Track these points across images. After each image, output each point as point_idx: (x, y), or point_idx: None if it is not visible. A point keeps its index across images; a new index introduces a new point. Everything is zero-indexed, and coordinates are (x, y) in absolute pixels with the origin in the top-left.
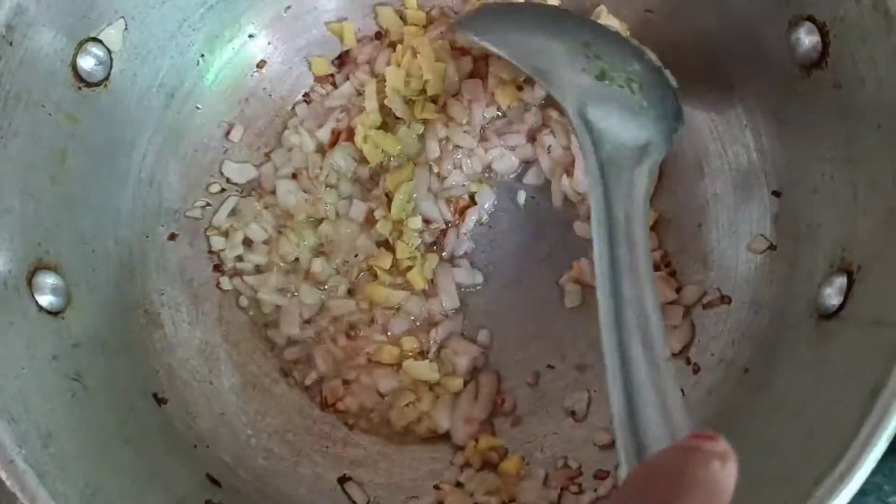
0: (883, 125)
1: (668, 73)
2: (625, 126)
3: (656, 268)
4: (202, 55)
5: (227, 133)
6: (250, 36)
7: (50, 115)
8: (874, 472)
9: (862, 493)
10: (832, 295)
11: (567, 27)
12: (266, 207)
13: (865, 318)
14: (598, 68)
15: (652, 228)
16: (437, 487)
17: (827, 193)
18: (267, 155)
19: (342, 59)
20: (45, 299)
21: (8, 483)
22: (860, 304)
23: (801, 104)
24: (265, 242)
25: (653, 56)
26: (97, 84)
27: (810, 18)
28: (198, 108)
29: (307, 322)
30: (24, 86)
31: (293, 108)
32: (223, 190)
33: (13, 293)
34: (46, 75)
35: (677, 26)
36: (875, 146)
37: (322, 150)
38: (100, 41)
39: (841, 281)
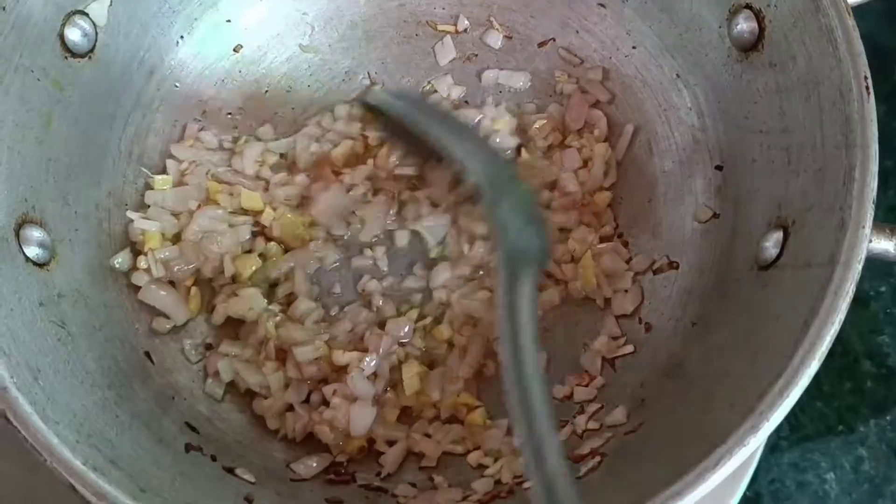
0: (811, 96)
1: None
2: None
3: (609, 239)
4: (182, 36)
5: (203, 112)
6: (227, 21)
7: (38, 80)
8: (811, 451)
9: (801, 470)
10: (770, 248)
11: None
12: None
13: (799, 262)
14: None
15: (608, 206)
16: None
17: (764, 161)
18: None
19: None
20: (32, 251)
21: (0, 407)
22: (794, 252)
23: (739, 84)
24: None
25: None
26: (82, 55)
27: (748, 6)
28: (176, 86)
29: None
30: (14, 49)
31: None
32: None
33: (2, 242)
34: (36, 41)
35: (629, 18)
36: (806, 114)
37: None
38: (86, 14)
39: (778, 235)
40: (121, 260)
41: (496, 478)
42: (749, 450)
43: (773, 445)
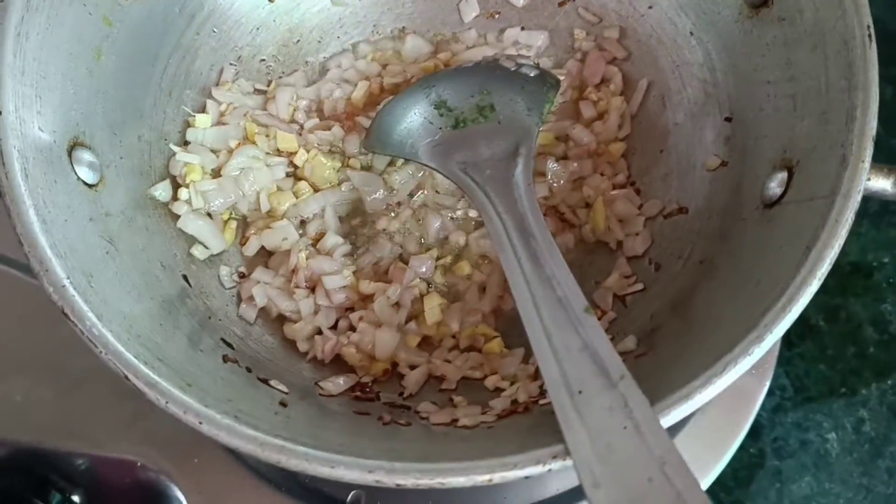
0: (818, 45)
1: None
2: (490, 147)
3: (623, 187)
4: None
5: (239, 57)
6: None
7: (90, 13)
8: (815, 412)
9: (804, 429)
10: (775, 187)
11: (417, 98)
12: None
13: (802, 197)
14: (451, 119)
15: (622, 155)
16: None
17: (771, 109)
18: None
19: None
20: (82, 171)
21: (59, 304)
22: (798, 189)
23: (749, 39)
24: None
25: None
26: None
27: None
28: (214, 31)
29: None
30: None
31: None
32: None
33: (57, 159)
34: None
35: None
36: (811, 63)
37: None
38: None
39: (782, 175)
40: (160, 191)
41: (513, 398)
42: (752, 359)
43: (777, 406)
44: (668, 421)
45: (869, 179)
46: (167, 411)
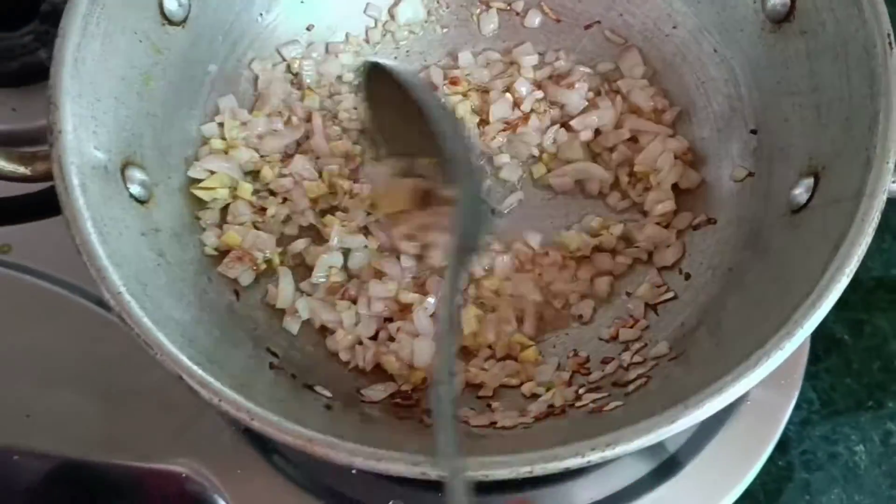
0: (840, 54)
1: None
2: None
3: None
4: (261, 14)
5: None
6: (301, 2)
7: (140, 41)
8: (842, 425)
9: (832, 442)
10: (802, 193)
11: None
12: None
13: (829, 200)
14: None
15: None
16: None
17: (796, 120)
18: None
19: None
20: (135, 189)
21: (116, 309)
22: (825, 193)
23: (772, 54)
24: None
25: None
26: (178, 24)
27: None
28: (253, 59)
29: None
30: (122, 14)
31: None
32: None
33: (111, 176)
34: (140, 7)
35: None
36: (834, 72)
37: None
38: None
39: (809, 181)
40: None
41: (549, 402)
42: (784, 354)
43: (805, 419)
44: (702, 414)
45: (894, 182)
46: (220, 409)
